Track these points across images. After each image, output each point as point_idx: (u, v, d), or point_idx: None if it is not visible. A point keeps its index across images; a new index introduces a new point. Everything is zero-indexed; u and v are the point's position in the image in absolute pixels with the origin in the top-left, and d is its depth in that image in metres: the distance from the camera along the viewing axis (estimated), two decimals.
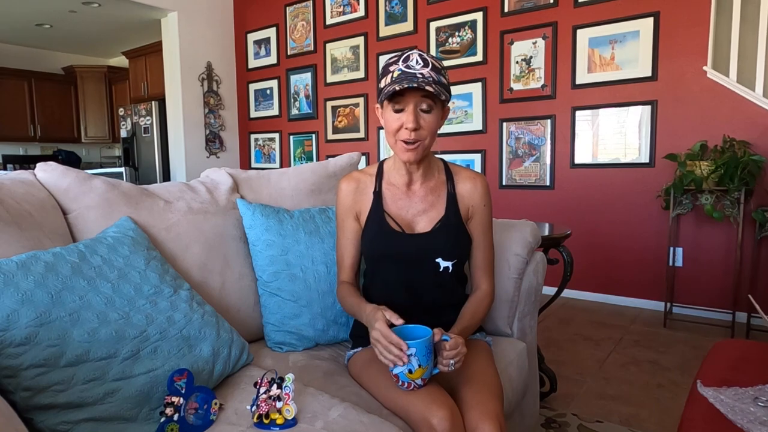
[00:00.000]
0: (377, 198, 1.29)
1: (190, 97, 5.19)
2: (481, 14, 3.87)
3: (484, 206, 1.30)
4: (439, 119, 1.19)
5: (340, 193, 1.33)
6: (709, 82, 3.08)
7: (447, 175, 1.31)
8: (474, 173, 1.33)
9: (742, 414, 0.94)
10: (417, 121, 1.14)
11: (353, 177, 1.33)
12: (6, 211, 1.05)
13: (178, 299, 1.10)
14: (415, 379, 1.03)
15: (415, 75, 1.11)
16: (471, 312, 1.25)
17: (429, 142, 1.19)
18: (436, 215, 1.27)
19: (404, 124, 1.15)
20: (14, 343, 0.85)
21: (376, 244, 1.27)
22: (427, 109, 1.15)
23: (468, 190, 1.29)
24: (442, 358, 1.05)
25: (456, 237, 1.27)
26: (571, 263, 2.10)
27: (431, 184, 1.29)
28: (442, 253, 1.24)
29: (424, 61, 1.14)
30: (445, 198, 1.28)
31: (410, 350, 1.01)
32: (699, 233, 3.19)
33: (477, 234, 1.30)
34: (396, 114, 1.16)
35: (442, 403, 1.02)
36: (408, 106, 1.14)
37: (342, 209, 1.32)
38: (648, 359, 2.55)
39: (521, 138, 3.80)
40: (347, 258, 1.33)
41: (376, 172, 1.33)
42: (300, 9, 4.94)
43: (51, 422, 0.87)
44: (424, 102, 1.14)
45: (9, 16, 5.42)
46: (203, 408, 0.99)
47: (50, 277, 0.93)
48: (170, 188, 1.45)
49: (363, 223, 1.30)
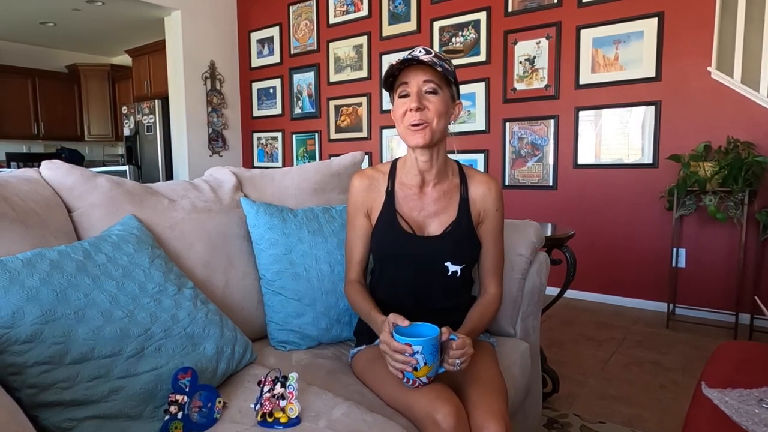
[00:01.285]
0: (389, 197, 1.28)
1: (193, 96, 5.20)
2: (485, 14, 3.87)
3: (496, 211, 1.29)
4: (447, 105, 1.18)
5: (352, 189, 1.32)
6: (713, 83, 3.07)
7: (461, 177, 1.30)
8: (488, 177, 1.32)
9: (747, 416, 0.94)
10: (420, 100, 1.14)
11: (366, 174, 1.32)
12: (12, 208, 1.05)
13: (182, 297, 1.11)
14: (420, 377, 1.04)
15: (417, 58, 1.13)
16: (478, 315, 1.25)
17: (437, 126, 1.17)
18: (447, 219, 1.26)
19: (408, 104, 1.15)
20: (19, 341, 0.85)
21: (386, 244, 1.27)
22: (431, 91, 1.15)
23: (481, 195, 1.28)
24: (449, 357, 1.05)
25: (466, 242, 1.26)
26: (574, 264, 2.10)
27: (444, 187, 1.28)
28: (452, 258, 1.24)
29: (428, 51, 1.15)
30: (458, 202, 1.27)
31: (416, 348, 1.01)
32: (702, 234, 3.18)
33: (487, 238, 1.29)
34: (402, 99, 1.18)
35: (447, 400, 1.02)
36: (411, 89, 1.16)
37: (353, 206, 1.32)
38: (650, 360, 2.55)
39: (524, 138, 3.79)
40: (356, 255, 1.32)
41: (389, 171, 1.31)
42: (303, 8, 4.94)
43: (56, 419, 0.87)
44: (428, 84, 1.15)
45: (13, 14, 5.43)
46: (207, 406, 0.99)
47: (55, 274, 0.93)
48: (174, 187, 1.45)
49: (374, 221, 1.30)
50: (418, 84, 1.15)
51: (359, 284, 1.31)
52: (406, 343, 1.02)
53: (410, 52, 1.16)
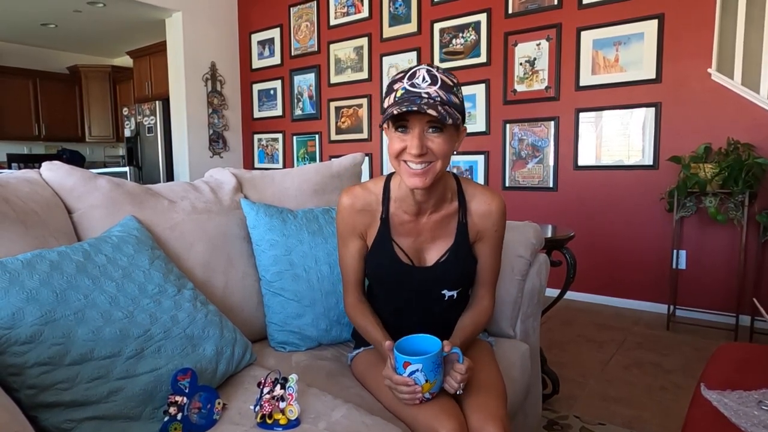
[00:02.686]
0: (384, 225, 1.20)
1: (193, 97, 5.21)
2: (485, 15, 3.87)
3: (495, 232, 1.21)
4: (453, 141, 1.05)
5: (341, 210, 1.22)
6: (713, 84, 3.07)
7: (459, 199, 1.20)
8: (491, 196, 1.20)
9: (746, 417, 0.94)
10: (422, 145, 1.01)
11: (356, 194, 1.21)
12: (12, 209, 1.06)
13: (181, 298, 1.11)
14: (423, 393, 1.02)
15: (419, 95, 0.99)
16: (472, 325, 1.21)
17: (441, 167, 1.04)
18: (444, 245, 1.19)
19: (408, 148, 1.02)
20: (19, 342, 0.85)
21: (383, 274, 1.23)
22: (435, 129, 1.02)
23: (481, 215, 1.19)
24: (451, 379, 1.02)
25: (463, 267, 1.21)
26: (574, 265, 2.10)
27: (442, 213, 1.18)
28: (448, 285, 1.21)
29: (433, 78, 1.00)
30: (456, 226, 1.19)
31: (416, 366, 0.99)
32: (703, 236, 3.18)
33: (484, 254, 1.23)
34: (399, 134, 1.04)
35: (451, 415, 1.01)
36: (413, 129, 1.01)
37: (345, 228, 1.23)
38: (651, 362, 2.55)
39: (525, 139, 3.79)
40: (352, 275, 1.26)
41: (382, 193, 1.21)
42: (304, 9, 4.94)
43: (55, 420, 0.87)
44: (432, 124, 1.01)
45: (14, 15, 5.44)
46: (206, 407, 0.99)
47: (55, 275, 0.93)
48: (174, 188, 1.45)
49: (369, 244, 1.23)
50: (420, 124, 1.01)
51: (361, 304, 1.26)
52: (405, 361, 1.00)
53: (412, 77, 1.01)
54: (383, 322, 1.23)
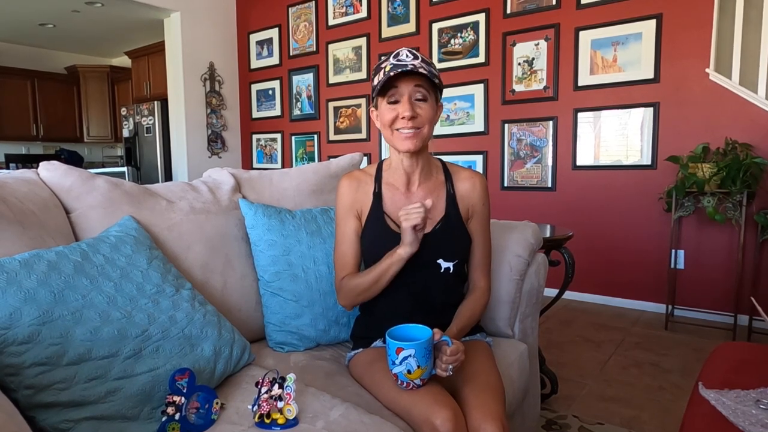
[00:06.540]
0: (377, 199, 1.28)
1: (192, 97, 5.20)
2: (484, 16, 3.87)
3: (483, 205, 1.31)
4: (435, 110, 1.21)
5: (341, 190, 1.31)
6: (711, 85, 3.07)
7: (446, 174, 1.32)
8: (472, 172, 1.34)
9: (744, 416, 0.94)
10: (414, 109, 1.16)
11: (354, 176, 1.33)
12: (9, 209, 1.05)
13: (180, 299, 1.11)
14: (414, 379, 1.04)
15: (406, 65, 1.14)
16: (469, 311, 1.25)
17: (427, 132, 1.20)
18: (436, 215, 1.26)
19: (400, 113, 1.16)
20: (17, 342, 0.85)
21: (377, 246, 1.25)
22: (422, 98, 1.17)
23: (467, 190, 1.30)
24: (441, 362, 1.05)
25: (457, 237, 1.27)
26: (572, 265, 2.10)
27: (430, 185, 1.29)
28: (444, 254, 1.24)
29: (414, 55, 1.17)
30: (445, 198, 1.28)
31: (408, 351, 1.01)
32: (701, 235, 3.18)
33: (476, 233, 1.31)
34: (391, 105, 1.18)
35: (445, 404, 1.02)
36: (402, 97, 1.17)
37: (343, 208, 1.30)
38: (649, 361, 2.55)
39: (523, 139, 3.80)
40: (350, 257, 1.29)
41: (375, 173, 1.32)
42: (302, 10, 4.94)
43: (53, 420, 0.87)
44: (419, 91, 1.16)
45: (12, 15, 5.43)
46: (205, 407, 0.99)
47: (53, 275, 0.93)
48: (172, 188, 1.45)
49: (363, 222, 1.30)
50: (409, 91, 1.16)
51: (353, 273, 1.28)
52: (398, 347, 1.02)
53: (396, 56, 1.17)
54: (380, 311, 1.25)
